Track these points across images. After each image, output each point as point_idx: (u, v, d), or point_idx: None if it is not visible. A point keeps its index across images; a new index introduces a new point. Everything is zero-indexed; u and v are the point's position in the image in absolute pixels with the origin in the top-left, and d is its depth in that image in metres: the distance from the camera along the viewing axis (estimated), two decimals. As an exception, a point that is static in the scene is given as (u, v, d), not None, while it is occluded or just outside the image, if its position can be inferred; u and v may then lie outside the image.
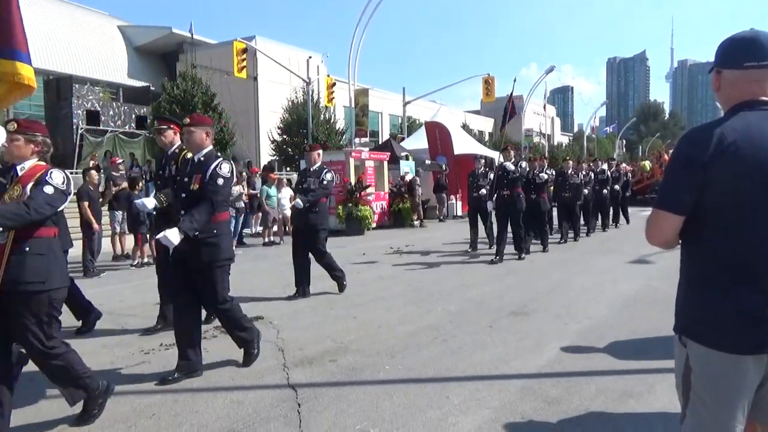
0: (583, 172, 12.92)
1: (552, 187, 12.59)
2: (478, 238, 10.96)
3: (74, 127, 26.52)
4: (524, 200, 9.54)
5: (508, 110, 11.24)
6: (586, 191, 12.68)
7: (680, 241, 1.88)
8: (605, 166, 14.96)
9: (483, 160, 10.89)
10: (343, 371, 4.12)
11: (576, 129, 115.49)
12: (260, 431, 3.14)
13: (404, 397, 3.59)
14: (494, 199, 9.63)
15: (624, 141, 77.04)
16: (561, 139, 78.11)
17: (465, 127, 42.81)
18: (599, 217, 14.30)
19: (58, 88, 28.01)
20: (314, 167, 6.98)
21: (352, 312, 5.99)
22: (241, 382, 3.93)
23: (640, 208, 20.11)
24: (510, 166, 9.38)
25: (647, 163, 27.28)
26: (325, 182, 6.86)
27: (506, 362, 4.24)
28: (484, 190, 10.31)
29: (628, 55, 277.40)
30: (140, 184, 10.73)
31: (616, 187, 14.67)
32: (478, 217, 10.90)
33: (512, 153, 9.58)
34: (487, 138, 56.21)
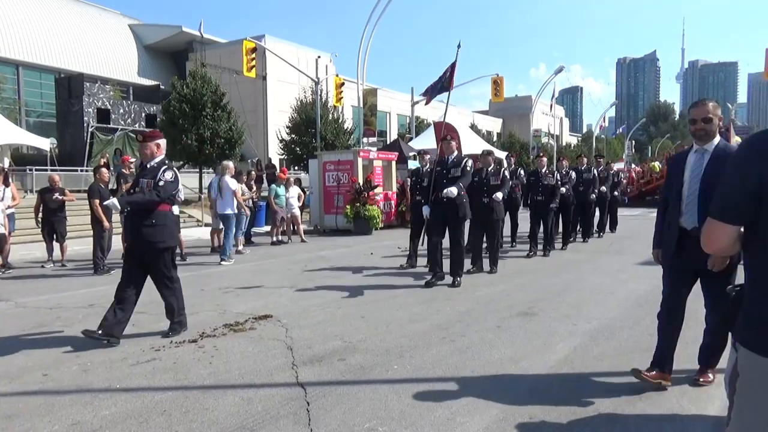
0: (563, 171, 11.18)
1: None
2: (417, 251, 9.07)
3: (85, 125, 26.73)
4: (468, 206, 7.56)
5: (448, 78, 9.07)
6: (563, 190, 10.74)
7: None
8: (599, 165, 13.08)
9: (429, 156, 9.01)
10: (351, 370, 4.14)
11: (585, 129, 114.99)
12: (270, 429, 3.16)
13: (413, 396, 3.60)
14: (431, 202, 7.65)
15: (633, 142, 76.63)
16: (570, 139, 77.80)
17: (473, 127, 42.76)
18: (582, 223, 12.50)
19: (70, 86, 28.26)
20: (151, 163, 5.12)
21: (360, 311, 6.00)
22: (250, 380, 3.95)
23: (650, 209, 19.99)
24: (463, 162, 7.47)
25: (657, 164, 27.17)
26: (161, 182, 4.98)
27: (515, 362, 4.24)
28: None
29: (639, 55, 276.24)
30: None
31: (603, 189, 12.65)
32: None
33: (453, 145, 7.58)
34: (495, 138, 56.08)
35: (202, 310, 6.20)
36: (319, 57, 27.50)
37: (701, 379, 3.70)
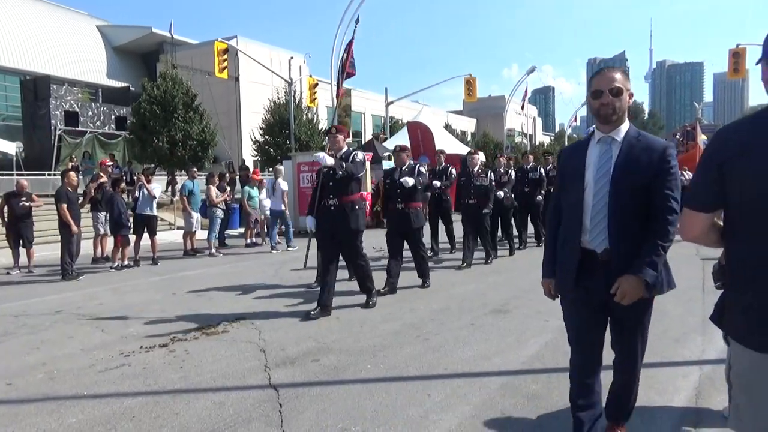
0: (501, 169, 9.92)
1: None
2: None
3: (52, 128, 26.14)
4: (362, 215, 6.05)
5: (344, 65, 7.98)
6: (500, 194, 9.51)
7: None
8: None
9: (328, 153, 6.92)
10: (325, 371, 4.12)
11: (557, 129, 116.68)
12: (241, 432, 3.13)
13: (386, 395, 3.61)
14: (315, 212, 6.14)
15: (604, 140, 78.01)
16: (543, 138, 78.78)
17: (447, 127, 42.96)
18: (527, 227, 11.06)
19: (36, 88, 27.59)
20: None
21: (334, 312, 5.97)
22: (222, 383, 3.91)
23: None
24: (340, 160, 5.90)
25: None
26: None
27: (487, 359, 4.27)
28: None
29: (608, 55, 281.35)
30: (122, 185, 10.63)
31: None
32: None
33: (341, 139, 6.07)
34: (470, 138, 56.45)
35: (173, 314, 6.11)
36: (292, 58, 27.33)
37: None
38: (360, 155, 6.02)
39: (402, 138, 23.08)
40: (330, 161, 5.66)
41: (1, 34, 32.93)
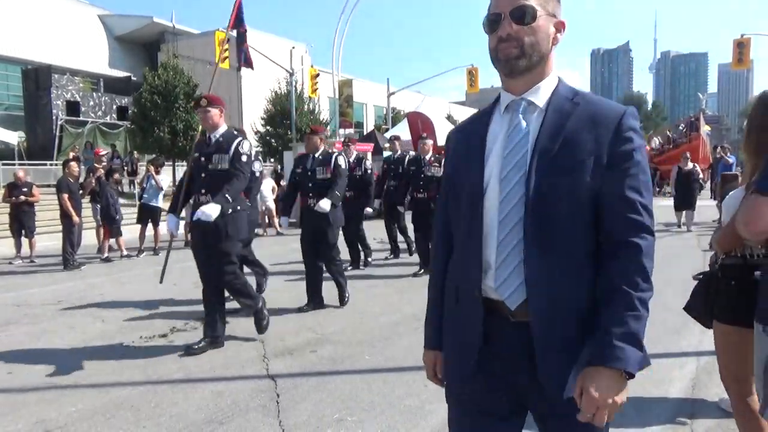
0: None
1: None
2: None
3: (54, 117, 26.15)
4: (242, 220, 4.62)
5: (231, 20, 6.87)
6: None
7: None
8: None
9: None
10: (323, 361, 4.14)
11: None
12: (239, 421, 3.16)
13: (383, 385, 3.63)
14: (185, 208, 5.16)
15: (607, 131, 77.55)
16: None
17: (450, 118, 42.86)
18: None
19: (37, 78, 27.57)
20: None
21: (333, 302, 5.99)
22: (220, 374, 3.93)
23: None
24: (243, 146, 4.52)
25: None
26: None
27: (485, 350, 4.28)
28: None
29: (612, 46, 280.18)
30: (115, 176, 10.64)
31: None
32: None
33: (214, 114, 4.50)
34: (471, 128, 56.22)
35: (173, 304, 6.14)
36: (293, 48, 27.26)
37: None
38: (246, 146, 4.50)
39: (403, 129, 23.07)
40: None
41: (2, 24, 32.85)
